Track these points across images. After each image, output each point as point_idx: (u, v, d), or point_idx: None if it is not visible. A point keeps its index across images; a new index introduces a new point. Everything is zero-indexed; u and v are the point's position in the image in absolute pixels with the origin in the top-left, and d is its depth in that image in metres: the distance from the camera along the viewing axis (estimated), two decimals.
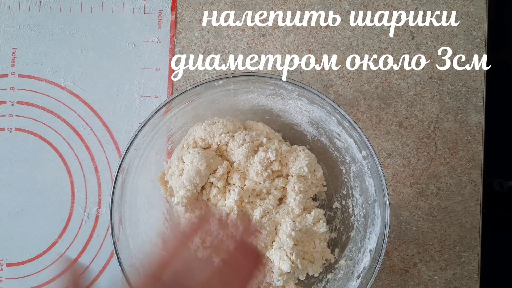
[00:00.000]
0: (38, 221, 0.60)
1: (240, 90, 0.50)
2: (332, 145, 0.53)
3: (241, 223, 0.46)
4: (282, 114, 0.54)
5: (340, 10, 0.60)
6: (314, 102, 0.49)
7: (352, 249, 0.51)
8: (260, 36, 0.60)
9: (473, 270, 0.57)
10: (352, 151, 0.50)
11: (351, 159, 0.51)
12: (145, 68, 0.60)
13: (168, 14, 0.61)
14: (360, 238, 0.50)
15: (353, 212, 0.52)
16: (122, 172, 0.47)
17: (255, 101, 0.53)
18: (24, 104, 0.61)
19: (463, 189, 0.58)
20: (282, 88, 0.49)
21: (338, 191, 0.54)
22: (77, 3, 0.61)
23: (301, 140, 0.55)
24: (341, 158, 0.52)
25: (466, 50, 0.59)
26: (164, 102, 0.47)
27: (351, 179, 0.52)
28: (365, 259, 0.48)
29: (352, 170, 0.51)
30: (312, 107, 0.50)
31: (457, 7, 0.59)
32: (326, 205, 0.55)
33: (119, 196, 0.48)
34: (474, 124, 0.58)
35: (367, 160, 0.48)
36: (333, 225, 0.55)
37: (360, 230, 0.51)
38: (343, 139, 0.50)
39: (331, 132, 0.51)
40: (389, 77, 0.59)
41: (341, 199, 0.54)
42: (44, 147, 0.60)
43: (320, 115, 0.51)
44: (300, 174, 0.51)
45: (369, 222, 0.49)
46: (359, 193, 0.51)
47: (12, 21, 0.61)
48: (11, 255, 0.60)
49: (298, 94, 0.48)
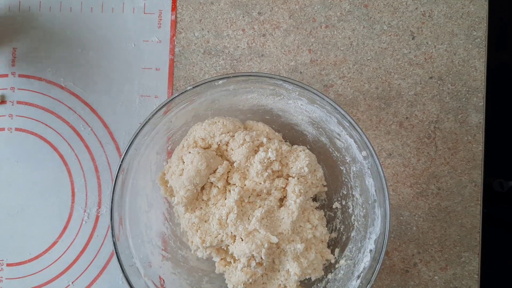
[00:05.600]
0: (38, 221, 0.60)
1: (240, 90, 0.50)
2: (332, 145, 0.53)
3: None
4: (282, 114, 0.54)
5: (340, 10, 0.60)
6: (314, 102, 0.48)
7: (352, 249, 0.51)
8: (260, 36, 0.60)
9: (473, 270, 0.57)
10: (352, 151, 0.50)
11: (351, 159, 0.51)
12: (145, 68, 0.60)
13: (168, 14, 0.61)
14: (360, 238, 0.50)
15: (353, 212, 0.52)
16: (122, 172, 0.47)
17: (255, 101, 0.53)
18: (24, 104, 0.61)
19: (463, 189, 0.58)
20: (282, 88, 0.49)
21: (338, 191, 0.54)
22: (77, 3, 0.61)
23: (301, 140, 0.55)
24: (341, 158, 0.52)
25: (466, 50, 0.59)
26: (165, 102, 0.47)
27: (351, 179, 0.52)
28: (365, 259, 0.48)
29: (352, 170, 0.51)
30: (312, 107, 0.50)
31: (457, 7, 0.59)
32: (326, 205, 0.55)
33: (119, 196, 0.48)
34: (474, 124, 0.58)
35: (367, 160, 0.48)
36: (333, 225, 0.55)
37: (360, 230, 0.51)
38: (343, 139, 0.50)
39: (331, 132, 0.51)
40: (389, 77, 0.59)
41: (341, 199, 0.54)
42: (44, 147, 0.60)
43: (320, 115, 0.51)
44: (301, 174, 0.51)
45: (369, 222, 0.49)
46: (359, 193, 0.51)
47: (12, 21, 0.61)
48: (11, 255, 0.60)
49: (298, 94, 0.48)
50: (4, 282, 0.59)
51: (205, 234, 0.50)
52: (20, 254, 0.59)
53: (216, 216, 0.50)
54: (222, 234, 0.50)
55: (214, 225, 0.50)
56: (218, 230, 0.50)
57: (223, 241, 0.50)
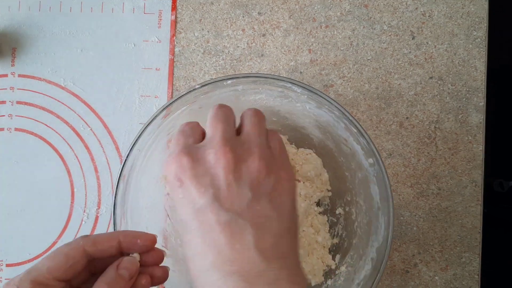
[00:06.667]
0: (38, 221, 0.60)
1: (248, 90, 0.50)
2: (338, 150, 0.52)
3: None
4: (289, 116, 0.53)
5: (340, 10, 0.60)
6: (322, 106, 0.48)
7: (354, 256, 0.50)
8: (260, 36, 0.60)
9: (474, 270, 0.57)
10: (359, 158, 0.49)
11: (357, 165, 0.50)
12: (145, 68, 0.60)
13: (168, 14, 0.60)
14: (362, 246, 0.50)
15: (356, 219, 0.52)
16: (125, 169, 0.47)
17: (263, 102, 0.52)
18: (24, 104, 0.60)
19: (464, 189, 0.58)
20: (291, 91, 0.48)
21: (342, 196, 0.53)
22: (77, 3, 0.61)
23: (307, 143, 0.55)
24: (346, 163, 0.52)
25: (466, 50, 0.59)
26: (172, 100, 0.46)
27: (356, 186, 0.51)
28: (366, 267, 0.48)
29: (358, 176, 0.51)
30: (320, 111, 0.49)
31: (457, 7, 0.59)
32: (330, 210, 0.55)
33: (122, 191, 0.48)
34: (475, 124, 0.58)
35: (373, 167, 0.47)
36: (335, 230, 0.54)
37: (362, 237, 0.50)
38: (350, 145, 0.49)
39: (338, 137, 0.51)
40: (389, 77, 0.59)
41: (345, 205, 0.53)
42: (44, 147, 0.60)
43: (328, 120, 0.50)
44: (307, 178, 0.51)
45: (372, 229, 0.49)
46: (363, 200, 0.51)
47: (12, 21, 0.61)
48: (11, 255, 0.59)
49: (307, 98, 0.48)
50: (4, 282, 0.59)
51: None
52: (20, 254, 0.59)
53: None
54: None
55: None
56: None
57: None
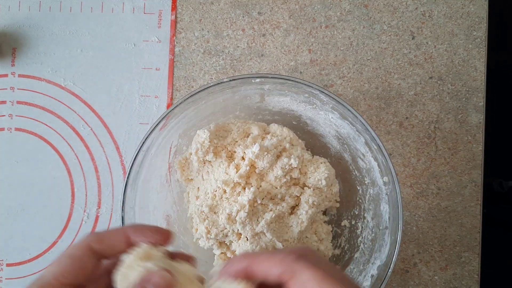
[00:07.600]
0: (38, 221, 0.60)
1: (274, 91, 0.50)
2: (354, 164, 0.52)
3: None
4: (310, 122, 0.54)
5: (340, 10, 0.60)
6: (346, 118, 0.48)
7: (353, 270, 0.50)
8: (260, 36, 0.60)
9: (473, 270, 0.57)
10: (374, 174, 0.49)
11: (371, 181, 0.50)
12: (145, 68, 0.60)
13: (168, 14, 0.61)
14: (363, 261, 0.50)
15: (361, 234, 0.51)
16: (142, 151, 0.48)
17: (287, 105, 0.52)
18: (24, 104, 0.61)
19: (463, 189, 0.58)
20: (317, 98, 0.48)
21: (350, 209, 0.53)
22: (77, 3, 0.61)
23: (323, 152, 0.54)
24: (360, 178, 0.52)
25: (466, 50, 0.59)
26: (202, 88, 0.47)
27: (366, 201, 0.51)
28: (365, 283, 0.47)
29: (369, 192, 0.51)
30: (342, 122, 0.49)
31: (457, 7, 0.59)
32: (335, 221, 0.55)
33: (135, 172, 0.48)
34: (474, 124, 0.58)
35: (387, 186, 0.47)
36: (338, 241, 0.54)
37: (365, 253, 0.50)
38: (367, 160, 0.50)
39: (356, 151, 0.51)
40: (389, 77, 0.59)
41: (352, 218, 0.53)
42: (44, 147, 0.60)
43: (348, 132, 0.50)
44: (317, 186, 0.51)
45: (376, 247, 0.49)
46: (371, 216, 0.51)
47: (12, 21, 0.61)
48: (11, 255, 0.60)
49: (331, 107, 0.48)
50: (4, 282, 0.59)
51: (212, 225, 0.50)
52: (20, 254, 0.59)
53: (227, 210, 0.49)
54: (229, 229, 0.49)
55: (223, 218, 0.49)
56: (225, 224, 0.49)
57: (227, 236, 0.50)
